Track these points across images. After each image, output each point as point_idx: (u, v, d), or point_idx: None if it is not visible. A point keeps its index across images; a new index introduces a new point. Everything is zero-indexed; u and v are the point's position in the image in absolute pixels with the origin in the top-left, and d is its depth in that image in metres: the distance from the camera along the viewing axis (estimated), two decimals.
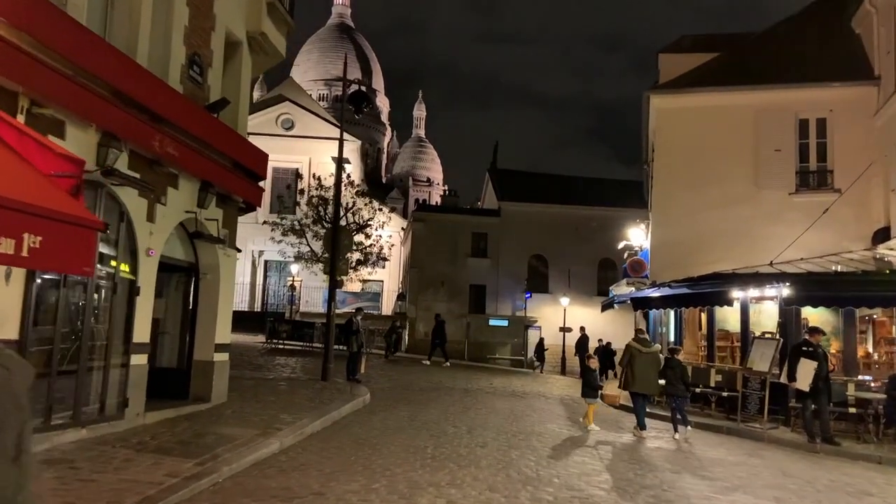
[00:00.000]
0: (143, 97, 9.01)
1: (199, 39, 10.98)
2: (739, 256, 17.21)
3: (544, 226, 39.58)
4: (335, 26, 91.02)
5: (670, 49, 21.43)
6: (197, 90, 10.95)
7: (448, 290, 38.96)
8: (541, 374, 28.90)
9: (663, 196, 18.74)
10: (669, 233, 18.39)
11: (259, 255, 51.22)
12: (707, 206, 18.06)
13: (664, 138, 18.60)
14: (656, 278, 18.15)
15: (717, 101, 18.20)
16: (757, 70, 18.39)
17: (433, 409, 13.73)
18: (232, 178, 11.76)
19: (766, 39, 19.75)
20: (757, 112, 17.90)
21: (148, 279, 9.75)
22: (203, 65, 11.11)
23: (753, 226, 17.68)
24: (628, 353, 12.10)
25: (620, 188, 42.24)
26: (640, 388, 11.99)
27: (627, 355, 12.09)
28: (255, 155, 12.73)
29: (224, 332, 12.20)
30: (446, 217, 40.96)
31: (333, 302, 15.02)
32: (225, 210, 11.92)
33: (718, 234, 17.85)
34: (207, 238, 11.14)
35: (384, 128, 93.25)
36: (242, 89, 12.62)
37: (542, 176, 45.44)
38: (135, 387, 9.50)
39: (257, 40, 12.71)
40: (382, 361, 25.90)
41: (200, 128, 10.50)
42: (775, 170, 17.74)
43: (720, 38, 21.52)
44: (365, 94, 15.42)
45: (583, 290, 39.31)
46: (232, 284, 12.63)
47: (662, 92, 18.53)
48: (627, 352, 12.14)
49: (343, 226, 15.24)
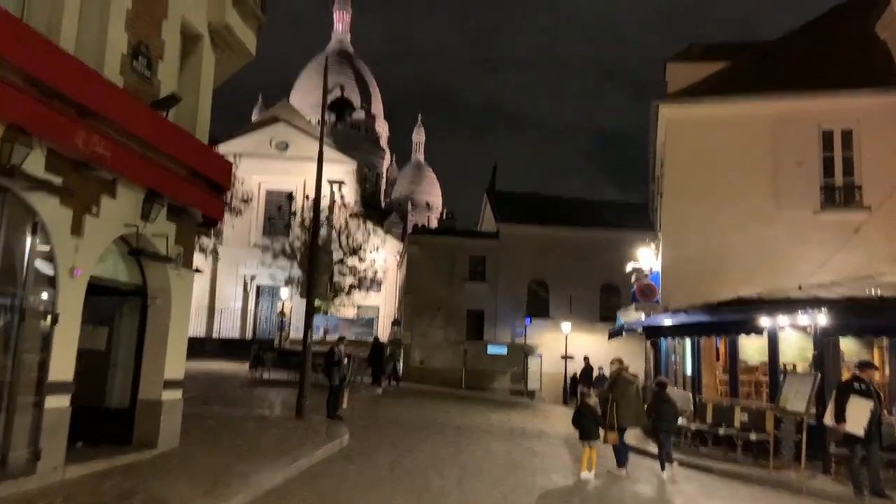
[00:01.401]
0: (63, 86, 7.51)
1: (147, 27, 9.51)
2: (761, 280, 15.64)
3: (544, 249, 37.96)
4: (335, 52, 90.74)
5: (679, 58, 20.05)
6: (143, 85, 9.45)
7: (444, 315, 37.27)
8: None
9: (674, 214, 17.19)
10: (681, 253, 16.80)
11: (251, 280, 49.63)
12: (723, 225, 16.51)
13: (674, 151, 17.09)
14: (668, 303, 16.54)
15: (732, 112, 16.73)
16: (774, 78, 16.95)
17: (420, 452, 12.04)
18: (187, 188, 10.23)
19: (783, 47, 18.35)
20: (776, 123, 16.41)
21: (71, 304, 8.14)
22: (151, 56, 9.62)
23: (775, 246, 16.10)
24: (623, 386, 11.14)
25: (623, 210, 40.80)
26: (632, 422, 11.16)
27: (621, 387, 11.17)
28: (217, 162, 11.21)
29: (176, 365, 10.56)
30: (443, 240, 39.35)
31: (310, 329, 13.41)
32: (179, 224, 10.36)
33: (736, 254, 16.28)
34: (151, 256, 9.57)
35: (383, 152, 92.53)
36: (204, 89, 11.12)
37: (541, 197, 43.95)
38: (51, 434, 7.84)
39: (221, 34, 11.24)
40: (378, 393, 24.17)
41: (144, 127, 9.00)
42: (797, 185, 16.21)
43: (731, 47, 20.17)
44: (348, 100, 13.99)
45: (585, 316, 37.60)
46: (187, 310, 11.02)
47: (672, 102, 17.05)
48: (623, 384, 11.19)
49: (322, 245, 13.66)
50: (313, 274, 13.38)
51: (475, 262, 38.31)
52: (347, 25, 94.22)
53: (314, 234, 13.71)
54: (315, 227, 13.73)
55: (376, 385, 23.83)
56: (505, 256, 38.12)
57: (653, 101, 17.27)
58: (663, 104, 17.01)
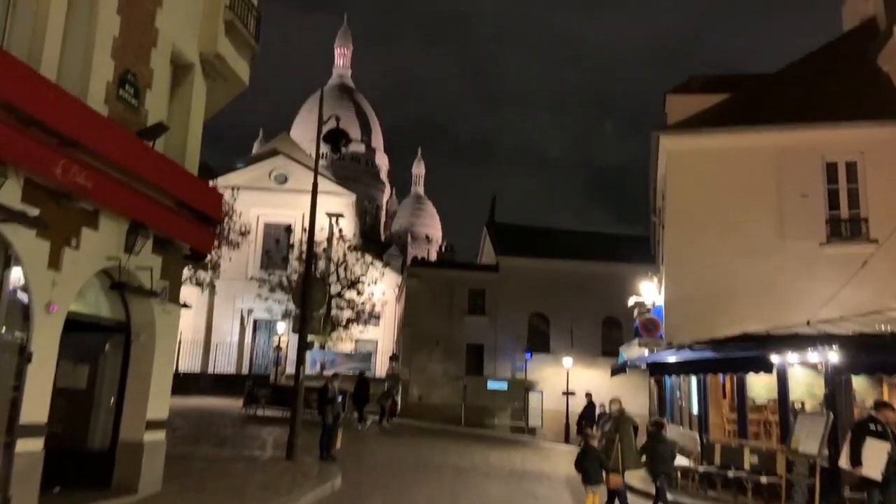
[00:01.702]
0: (42, 113, 7.22)
1: (135, 55, 9.27)
2: (767, 314, 15.19)
3: (545, 282, 37.54)
4: (335, 86, 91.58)
5: (679, 90, 19.89)
6: (129, 114, 9.18)
7: (443, 349, 36.70)
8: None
9: (676, 247, 16.83)
10: (684, 288, 16.41)
11: (248, 314, 49.09)
12: (727, 258, 16.14)
13: (675, 183, 16.81)
14: (672, 339, 16.09)
15: (735, 143, 16.49)
16: (776, 110, 16.74)
17: (415, 496, 11.51)
18: (174, 220, 9.90)
19: (784, 79, 18.20)
20: (779, 154, 16.16)
21: (47, 341, 7.74)
22: (139, 85, 9.37)
23: (781, 280, 15.72)
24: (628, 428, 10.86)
25: (624, 243, 40.46)
26: (635, 464, 10.83)
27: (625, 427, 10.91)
28: (206, 193, 10.90)
29: (159, 404, 10.11)
30: (442, 273, 38.93)
31: (302, 365, 12.97)
32: (165, 257, 10.01)
33: (741, 289, 15.88)
34: (134, 290, 9.19)
35: (383, 185, 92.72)
36: (194, 118, 10.86)
37: (542, 230, 43.68)
38: (23, 480, 7.39)
39: (213, 64, 11.01)
40: (375, 430, 23.54)
41: (129, 157, 8.70)
42: (802, 218, 15.88)
43: (731, 79, 20.03)
44: (343, 131, 13.71)
45: (586, 351, 37.02)
46: (172, 347, 10.60)
47: (673, 132, 16.81)
48: (627, 426, 10.94)
49: (318, 277, 13.30)
50: (307, 308, 12.98)
51: (475, 296, 37.85)
52: (348, 61, 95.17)
53: (308, 266, 13.35)
54: (309, 259, 13.38)
55: (361, 422, 23.23)
56: (505, 289, 37.69)
57: (653, 132, 17.03)
58: (664, 135, 16.77)
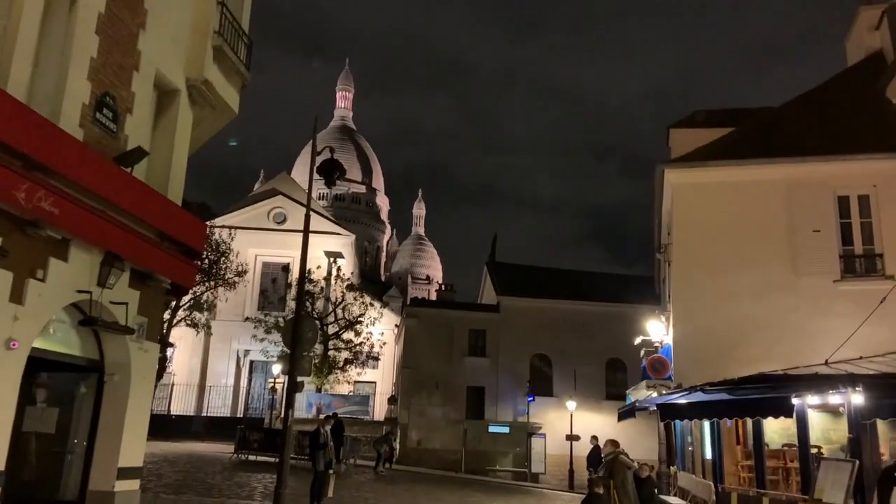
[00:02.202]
0: (4, 133, 6.68)
1: (115, 78, 8.81)
2: (780, 354, 14.49)
3: (547, 322, 36.76)
4: (337, 128, 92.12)
5: (683, 124, 19.54)
6: (107, 139, 8.67)
7: (443, 392, 35.71)
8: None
9: (684, 284, 16.20)
10: (694, 326, 15.73)
11: (244, 356, 48.16)
12: (737, 295, 15.50)
13: (682, 218, 16.26)
14: (682, 380, 15.33)
15: (743, 176, 15.98)
16: (785, 142, 16.30)
17: None
18: (153, 252, 9.31)
19: (791, 112, 17.81)
20: (789, 188, 15.64)
21: (6, 381, 7.08)
22: (119, 109, 8.88)
23: (794, 318, 15.05)
24: (622, 471, 10.41)
25: (628, 283, 39.78)
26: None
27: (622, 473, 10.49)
28: (189, 225, 10.32)
29: (134, 451, 9.37)
30: (442, 313, 38.14)
31: (291, 409, 12.22)
32: (143, 292, 9.38)
33: (753, 327, 15.20)
34: (107, 326, 8.54)
35: (384, 226, 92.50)
36: (179, 146, 10.36)
37: (543, 270, 43.04)
38: None
39: (200, 90, 10.57)
40: (371, 476, 22.57)
41: (103, 183, 8.15)
42: (815, 253, 15.28)
43: (736, 113, 19.68)
44: (338, 163, 13.18)
45: (590, 394, 36.05)
46: (149, 387, 9.90)
47: (679, 165, 16.33)
48: (622, 469, 10.50)
49: (309, 315, 12.64)
50: (296, 347, 12.30)
51: (475, 336, 37.05)
52: (350, 103, 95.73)
53: (299, 303, 12.72)
54: (300, 296, 12.75)
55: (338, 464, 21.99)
56: (506, 330, 36.90)
57: (658, 166, 16.55)
58: (669, 168, 16.29)
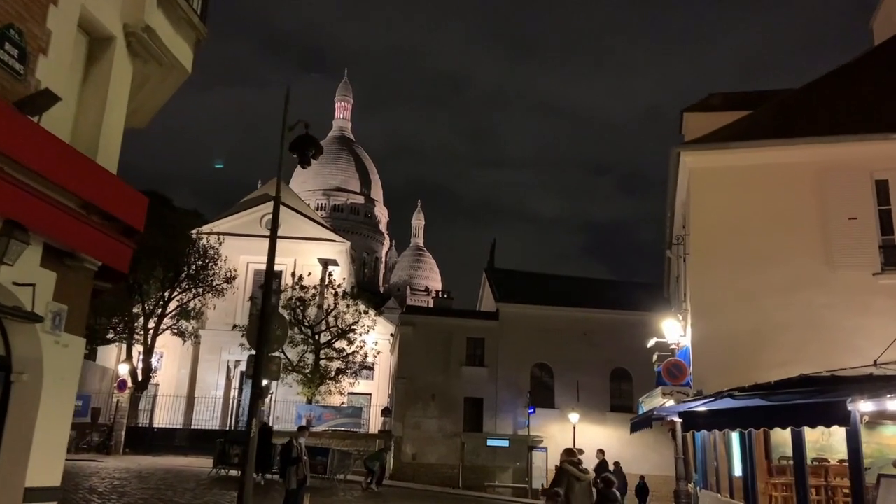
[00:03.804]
0: None
1: (23, 9, 7.17)
2: (815, 357, 12.70)
3: (548, 331, 35.05)
4: (335, 138, 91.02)
5: (697, 108, 17.94)
6: (10, 81, 7.02)
7: (439, 403, 33.94)
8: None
9: (703, 280, 14.51)
10: (714, 327, 14.03)
11: (235, 366, 46.35)
12: (763, 292, 13.83)
13: (700, 206, 14.61)
14: (702, 387, 13.63)
15: (768, 159, 14.34)
16: (813, 122, 14.69)
17: None
18: (73, 225, 7.60)
19: (816, 92, 16.17)
20: (820, 171, 14.00)
21: None
22: (28, 48, 7.23)
23: (829, 316, 13.36)
24: (565, 479, 9.87)
25: (632, 290, 38.14)
26: None
27: (565, 481, 9.92)
28: (123, 195, 8.61)
29: (48, 467, 7.62)
30: (438, 321, 36.40)
31: (255, 418, 10.54)
32: (60, 274, 7.69)
33: (781, 327, 13.51)
34: (5, 312, 6.84)
35: (382, 237, 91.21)
36: (114, 104, 8.69)
37: (544, 276, 41.40)
38: None
39: (142, 40, 8.89)
40: (359, 493, 20.75)
41: None
42: (851, 244, 13.62)
43: (755, 95, 18.10)
44: (313, 139, 11.57)
45: (594, 405, 34.33)
46: (70, 391, 8.16)
47: (697, 147, 14.66)
48: (564, 477, 9.96)
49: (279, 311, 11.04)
50: (262, 348, 10.63)
51: (473, 345, 35.32)
52: (348, 113, 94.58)
53: (265, 296, 11.06)
54: (267, 287, 11.08)
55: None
56: (505, 339, 35.18)
57: (673, 148, 14.89)
58: (686, 151, 14.62)
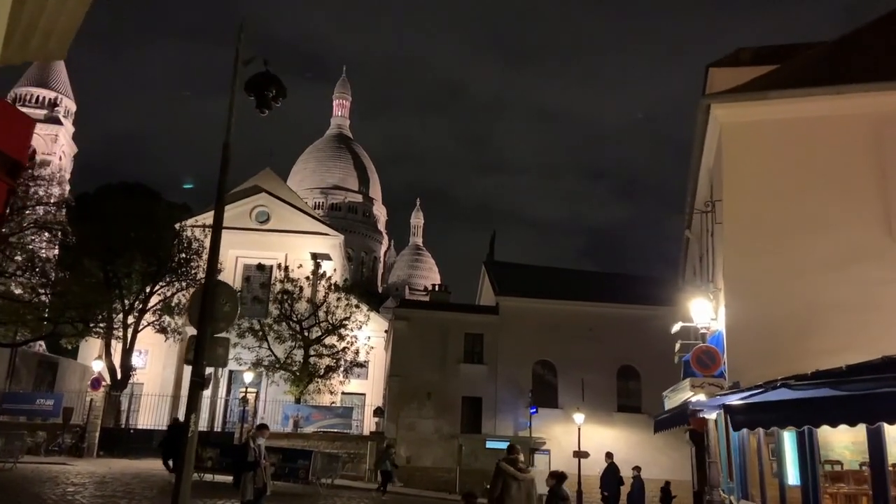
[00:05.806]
0: None
1: None
2: (873, 343, 10.51)
3: (551, 326, 32.98)
4: (333, 136, 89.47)
5: (725, 63, 15.84)
6: None
7: (436, 403, 31.87)
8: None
9: (739, 253, 12.39)
10: (753, 307, 11.91)
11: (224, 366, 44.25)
12: (810, 266, 11.76)
13: (734, 167, 12.49)
14: (738, 378, 11.53)
15: (814, 111, 12.25)
16: (863, 68, 12.61)
17: None
18: None
19: (860, 39, 14.08)
20: (877, 124, 11.90)
21: None
22: None
23: (889, 295, 11.29)
24: (501, 480, 9.42)
25: (640, 283, 36.09)
26: None
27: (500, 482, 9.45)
28: (4, 119, 6.50)
29: None
30: (434, 315, 34.30)
31: (193, 413, 8.45)
32: None
33: (832, 308, 11.43)
34: None
35: (381, 236, 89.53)
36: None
37: (546, 269, 39.30)
38: None
39: None
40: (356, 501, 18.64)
41: None
42: None
43: (788, 48, 16.01)
44: (275, 77, 9.52)
45: (600, 405, 32.23)
46: None
47: (730, 98, 12.50)
48: (500, 477, 9.50)
49: (226, 284, 8.90)
50: (205, 328, 8.56)
51: (472, 341, 33.21)
52: (346, 111, 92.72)
53: (211, 265, 8.98)
54: (213, 254, 8.99)
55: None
56: (506, 334, 33.09)
57: (701, 100, 12.77)
58: (717, 103, 12.48)
